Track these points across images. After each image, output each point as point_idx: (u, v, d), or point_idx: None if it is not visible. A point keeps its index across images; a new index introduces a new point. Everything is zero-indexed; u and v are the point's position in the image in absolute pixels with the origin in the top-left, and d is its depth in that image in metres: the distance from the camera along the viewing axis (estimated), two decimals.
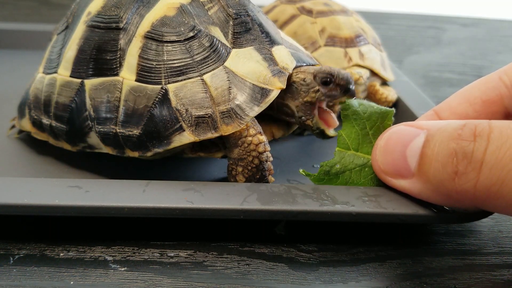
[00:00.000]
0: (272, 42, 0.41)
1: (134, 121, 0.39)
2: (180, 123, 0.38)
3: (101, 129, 0.40)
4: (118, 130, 0.40)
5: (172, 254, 0.35)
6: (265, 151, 0.39)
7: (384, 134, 0.35)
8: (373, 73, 0.57)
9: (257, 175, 0.39)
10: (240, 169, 0.39)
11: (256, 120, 0.40)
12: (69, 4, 0.48)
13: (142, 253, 0.35)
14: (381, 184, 0.37)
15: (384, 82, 0.60)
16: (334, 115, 0.43)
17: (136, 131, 0.39)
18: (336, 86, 0.40)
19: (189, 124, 0.38)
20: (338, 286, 0.33)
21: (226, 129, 0.38)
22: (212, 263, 0.35)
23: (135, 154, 0.40)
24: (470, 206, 0.31)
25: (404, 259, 0.36)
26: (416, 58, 0.94)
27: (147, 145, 0.39)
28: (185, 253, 0.36)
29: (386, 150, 0.34)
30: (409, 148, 0.32)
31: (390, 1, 1.36)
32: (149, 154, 0.39)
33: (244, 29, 0.41)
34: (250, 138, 0.38)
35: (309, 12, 0.59)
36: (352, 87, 0.40)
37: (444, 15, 1.28)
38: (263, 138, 0.39)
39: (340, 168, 0.38)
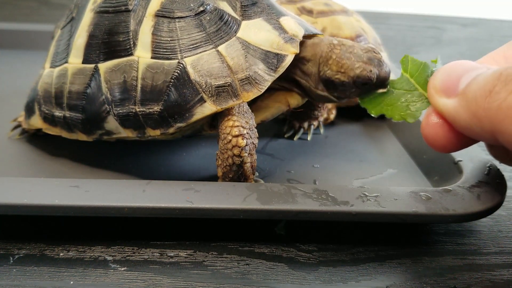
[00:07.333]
0: (278, 13, 0.43)
1: (154, 98, 0.39)
2: (201, 94, 0.38)
3: (120, 111, 0.40)
4: (137, 109, 0.40)
5: (172, 254, 0.35)
6: (240, 155, 0.38)
7: (455, 61, 0.37)
8: None
9: (230, 174, 0.39)
10: (219, 161, 0.39)
11: (252, 122, 0.39)
12: (69, 4, 0.48)
13: (142, 253, 0.35)
14: (423, 107, 0.37)
15: None
16: None
17: (156, 108, 0.39)
18: (372, 85, 0.41)
19: (209, 95, 0.38)
20: (338, 286, 0.33)
21: (247, 96, 0.38)
22: (212, 263, 0.35)
23: (157, 132, 0.40)
24: (486, 131, 0.32)
25: (404, 259, 0.36)
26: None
27: (169, 121, 0.39)
28: (185, 253, 0.36)
29: (449, 70, 0.36)
30: (468, 74, 0.34)
31: (390, 1, 1.36)
32: (171, 130, 0.39)
33: (251, 2, 0.42)
34: (230, 137, 0.38)
35: (309, 12, 0.59)
36: (388, 82, 0.41)
37: (444, 15, 1.28)
38: (243, 142, 0.38)
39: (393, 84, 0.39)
